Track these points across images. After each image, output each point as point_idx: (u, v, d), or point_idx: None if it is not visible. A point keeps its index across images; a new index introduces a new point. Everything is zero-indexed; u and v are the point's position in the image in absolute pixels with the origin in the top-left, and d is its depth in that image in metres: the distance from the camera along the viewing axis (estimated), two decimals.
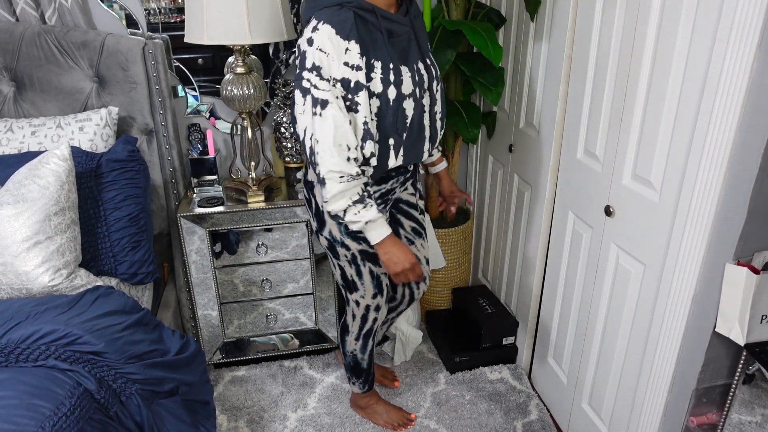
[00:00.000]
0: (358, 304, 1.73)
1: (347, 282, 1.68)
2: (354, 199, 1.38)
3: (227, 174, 2.30)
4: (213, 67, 2.18)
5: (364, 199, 1.39)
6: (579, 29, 1.62)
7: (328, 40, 1.29)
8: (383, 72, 1.35)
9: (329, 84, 1.31)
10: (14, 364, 1.27)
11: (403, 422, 1.95)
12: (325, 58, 1.29)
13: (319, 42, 1.29)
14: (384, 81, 1.36)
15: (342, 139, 1.33)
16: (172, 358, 1.47)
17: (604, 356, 1.65)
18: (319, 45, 1.29)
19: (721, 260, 1.20)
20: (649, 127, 1.35)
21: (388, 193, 1.61)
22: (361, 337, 1.81)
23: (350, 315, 1.78)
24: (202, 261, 2.04)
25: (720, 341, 1.25)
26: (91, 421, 1.22)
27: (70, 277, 1.59)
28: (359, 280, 1.66)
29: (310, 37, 1.30)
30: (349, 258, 1.61)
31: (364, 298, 1.70)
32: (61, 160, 1.63)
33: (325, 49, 1.29)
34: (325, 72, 1.30)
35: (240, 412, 2.04)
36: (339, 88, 1.32)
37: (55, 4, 1.92)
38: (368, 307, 1.73)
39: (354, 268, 1.64)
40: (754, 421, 1.32)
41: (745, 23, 1.04)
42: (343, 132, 1.33)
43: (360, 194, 1.38)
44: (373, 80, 1.35)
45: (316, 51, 1.30)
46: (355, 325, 1.78)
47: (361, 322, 1.77)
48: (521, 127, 2.04)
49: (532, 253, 2.05)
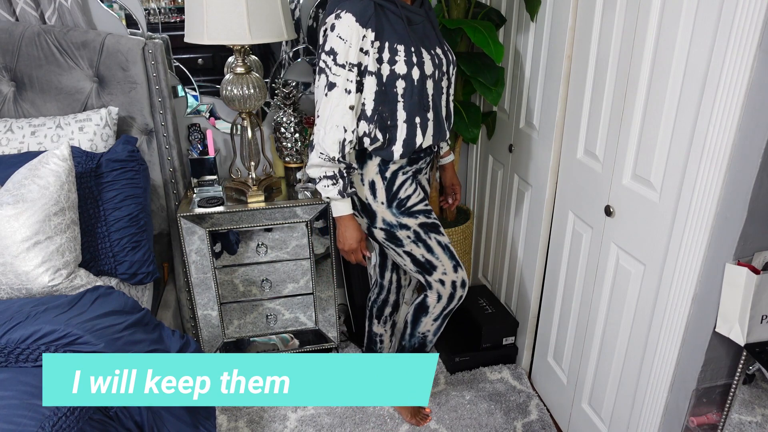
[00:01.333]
0: (443, 283, 1.67)
1: (422, 265, 1.66)
2: (328, 174, 1.51)
3: (227, 174, 2.30)
4: (213, 67, 2.18)
5: (335, 177, 1.51)
6: (579, 29, 1.61)
7: (347, 28, 1.39)
8: (407, 55, 1.46)
9: (343, 69, 1.42)
10: (14, 364, 1.27)
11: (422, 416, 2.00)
12: (343, 45, 1.40)
13: (339, 29, 1.39)
14: (408, 63, 1.46)
15: (340, 121, 1.45)
16: None
17: (604, 356, 1.65)
18: (339, 32, 1.40)
19: (721, 260, 1.20)
20: (649, 127, 1.35)
21: (418, 173, 1.68)
22: (441, 317, 1.75)
23: (435, 297, 1.71)
24: (202, 261, 2.04)
25: (720, 341, 1.25)
26: (91, 421, 1.22)
27: (70, 277, 1.59)
28: (433, 257, 1.64)
29: (333, 23, 1.41)
30: (412, 237, 1.63)
31: (447, 274, 1.66)
32: (61, 160, 1.63)
33: (344, 36, 1.39)
34: (340, 58, 1.41)
35: (240, 412, 2.04)
36: (354, 72, 1.43)
37: (54, 4, 1.92)
38: (454, 283, 1.68)
39: (423, 246, 1.63)
40: (755, 421, 1.32)
41: (745, 23, 1.04)
42: (341, 114, 1.44)
43: (334, 172, 1.51)
44: (398, 63, 1.45)
45: (335, 37, 1.40)
46: (439, 306, 1.72)
47: (447, 302, 1.71)
48: (521, 127, 2.04)
49: (532, 253, 2.05)
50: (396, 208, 1.61)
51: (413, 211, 1.62)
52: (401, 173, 1.60)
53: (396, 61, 1.45)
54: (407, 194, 1.62)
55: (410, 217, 1.62)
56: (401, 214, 1.61)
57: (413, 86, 1.47)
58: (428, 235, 1.64)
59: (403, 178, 1.61)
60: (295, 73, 2.24)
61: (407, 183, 1.62)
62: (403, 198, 1.61)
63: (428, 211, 1.66)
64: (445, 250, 1.66)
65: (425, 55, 1.49)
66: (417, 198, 1.64)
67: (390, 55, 1.44)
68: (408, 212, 1.62)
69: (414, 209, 1.63)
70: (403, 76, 1.46)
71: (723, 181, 1.16)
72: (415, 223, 1.62)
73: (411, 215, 1.62)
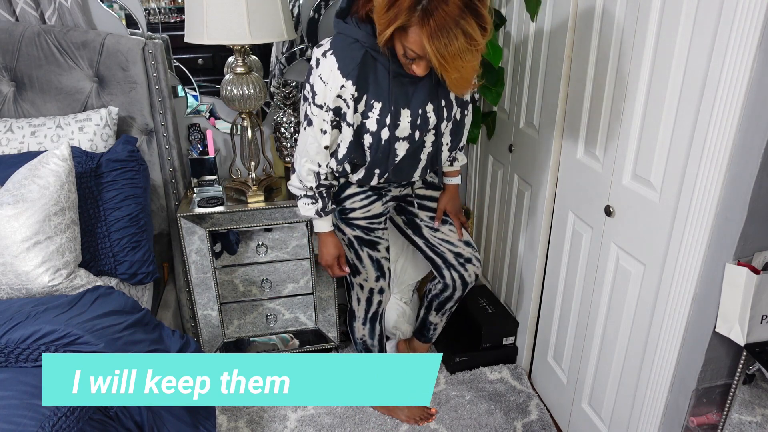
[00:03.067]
0: (362, 288, 1.79)
1: (350, 266, 1.75)
2: (308, 194, 1.58)
3: (227, 174, 2.30)
4: (213, 67, 2.18)
5: (315, 198, 1.58)
6: (579, 29, 1.61)
7: (329, 72, 1.36)
8: (381, 114, 1.41)
9: (320, 110, 1.42)
10: (14, 364, 1.27)
11: (424, 416, 1.98)
12: (323, 87, 1.38)
13: (321, 70, 1.38)
14: (379, 122, 1.42)
15: (315, 158, 1.50)
16: None
17: (604, 356, 1.65)
18: (320, 73, 1.38)
19: (721, 260, 1.20)
20: (649, 127, 1.35)
21: (381, 189, 1.67)
22: (368, 321, 1.86)
23: (355, 300, 1.83)
24: (202, 261, 2.04)
25: (720, 341, 1.25)
26: (91, 421, 1.22)
27: (70, 277, 1.59)
28: (360, 264, 1.74)
29: (318, 58, 1.39)
30: (346, 242, 1.72)
31: (368, 282, 1.77)
32: (61, 160, 1.63)
33: (324, 79, 1.37)
34: (319, 99, 1.40)
35: (240, 412, 2.04)
36: (331, 114, 1.43)
37: (54, 4, 1.92)
38: (372, 290, 1.79)
39: (353, 253, 1.72)
40: (755, 421, 1.32)
41: (745, 23, 1.04)
42: (315, 151, 1.48)
43: (314, 193, 1.57)
44: (370, 119, 1.42)
45: (317, 77, 1.39)
46: (361, 309, 1.84)
47: (366, 305, 1.83)
48: (521, 127, 2.04)
49: (532, 253, 2.05)
50: (339, 212, 1.68)
51: (352, 223, 1.68)
52: (354, 186, 1.63)
53: (368, 117, 1.42)
54: (352, 206, 1.65)
55: (347, 226, 1.68)
56: (341, 220, 1.69)
57: (379, 144, 1.45)
58: (360, 247, 1.71)
59: (354, 191, 1.63)
60: (295, 73, 2.24)
61: (358, 197, 1.64)
62: (347, 208, 1.66)
63: (371, 229, 1.69)
64: (374, 263, 1.74)
65: (403, 116, 1.43)
66: (363, 213, 1.66)
67: (365, 109, 1.41)
68: (347, 221, 1.68)
69: (354, 222, 1.67)
70: (372, 133, 1.44)
71: (723, 181, 1.16)
72: (351, 233, 1.69)
73: (349, 225, 1.68)
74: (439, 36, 1.14)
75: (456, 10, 1.13)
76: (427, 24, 1.15)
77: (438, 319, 2.00)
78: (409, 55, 1.26)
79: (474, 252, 1.84)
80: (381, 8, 1.21)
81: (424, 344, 2.13)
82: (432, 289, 1.93)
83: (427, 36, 1.16)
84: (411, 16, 1.16)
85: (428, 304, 1.97)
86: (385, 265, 1.77)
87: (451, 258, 1.81)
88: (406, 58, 1.28)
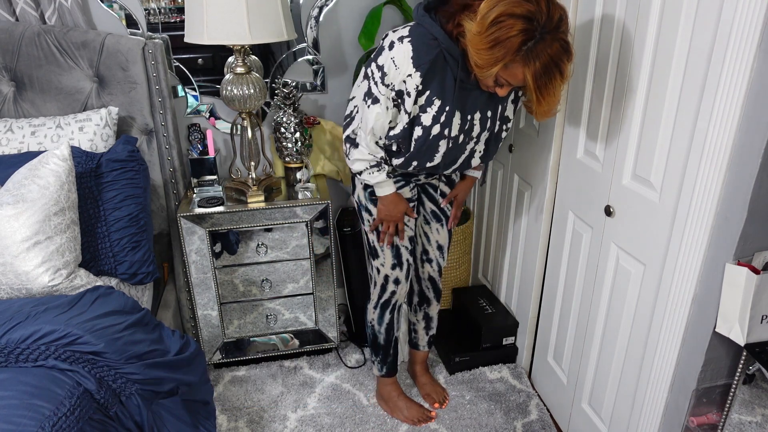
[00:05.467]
0: (379, 272, 1.83)
1: (370, 248, 1.81)
2: (372, 164, 1.61)
3: (227, 174, 2.30)
4: (213, 67, 2.18)
5: (379, 165, 1.61)
6: (579, 29, 1.61)
7: (402, 58, 1.39)
8: (438, 111, 1.46)
9: (387, 89, 1.44)
10: (14, 364, 1.27)
11: (423, 418, 1.99)
12: (394, 69, 1.41)
13: (395, 53, 1.40)
14: (434, 118, 1.47)
15: (379, 131, 1.52)
16: (172, 358, 1.47)
17: (604, 356, 1.65)
18: (394, 56, 1.40)
19: (721, 260, 1.20)
20: (649, 127, 1.35)
21: (410, 176, 1.72)
22: (379, 306, 1.89)
23: (372, 282, 1.88)
24: (202, 261, 2.04)
25: (720, 341, 1.25)
26: (91, 421, 1.22)
27: (70, 277, 1.59)
28: (379, 248, 1.78)
29: (394, 42, 1.40)
30: (369, 222, 1.77)
31: (384, 267, 1.81)
32: (61, 160, 1.63)
33: (397, 63, 1.40)
34: (388, 79, 1.43)
35: (240, 412, 2.04)
36: (393, 94, 1.45)
37: (54, 4, 1.92)
38: (387, 277, 1.82)
39: (375, 235, 1.77)
40: (755, 422, 1.31)
41: (745, 23, 1.04)
42: (380, 126, 1.51)
43: (377, 161, 1.60)
44: (426, 114, 1.46)
45: (389, 59, 1.41)
46: (375, 293, 1.88)
47: (380, 290, 1.86)
48: (521, 127, 2.04)
49: (532, 253, 2.05)
50: (369, 193, 1.73)
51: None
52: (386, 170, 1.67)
53: (426, 111, 1.46)
54: None
55: (375, 206, 1.73)
56: (369, 200, 1.74)
57: (427, 138, 1.49)
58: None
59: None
60: (295, 73, 2.24)
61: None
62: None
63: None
64: (392, 249, 1.78)
65: (456, 118, 1.48)
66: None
67: (424, 104, 1.45)
68: (375, 203, 1.72)
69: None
70: (424, 127, 1.48)
71: (723, 181, 1.16)
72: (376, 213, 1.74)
73: (376, 206, 1.72)
74: (542, 75, 1.24)
75: (558, 53, 1.22)
76: (533, 64, 1.22)
77: (415, 317, 2.07)
78: (500, 82, 1.33)
79: (440, 256, 1.92)
80: (483, 44, 1.23)
81: (419, 353, 2.13)
82: None
83: (532, 75, 1.24)
84: (517, 55, 1.22)
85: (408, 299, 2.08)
86: (403, 255, 1.80)
87: (418, 251, 1.91)
88: (495, 83, 1.35)
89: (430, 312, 2.03)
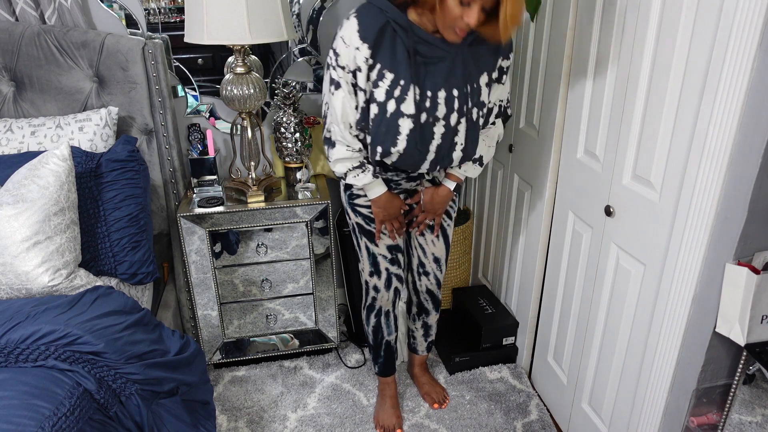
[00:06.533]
0: (361, 276, 1.85)
1: (355, 249, 1.82)
2: (354, 165, 1.56)
3: (227, 174, 2.30)
4: (213, 67, 2.18)
5: (363, 165, 1.57)
6: (579, 29, 1.61)
7: (350, 34, 1.39)
8: (391, 85, 1.41)
9: (344, 71, 1.43)
10: (14, 364, 1.27)
11: (390, 428, 1.95)
12: (344, 48, 1.40)
13: (344, 31, 1.40)
14: (387, 93, 1.42)
15: (347, 118, 1.49)
16: (172, 358, 1.47)
17: (604, 356, 1.65)
18: (343, 34, 1.40)
19: (721, 260, 1.20)
20: (649, 127, 1.35)
21: (389, 182, 1.67)
22: (365, 309, 1.90)
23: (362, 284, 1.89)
24: (201, 261, 2.04)
25: (720, 341, 1.25)
26: (90, 422, 1.22)
27: (70, 277, 1.59)
28: (359, 251, 1.79)
29: (343, 23, 1.41)
30: (351, 226, 1.77)
31: (364, 272, 1.82)
32: (60, 160, 1.63)
33: (346, 41, 1.40)
34: (341, 60, 1.42)
35: (240, 412, 2.04)
36: (350, 76, 1.43)
37: (54, 4, 1.92)
38: (367, 282, 1.83)
39: (354, 239, 1.78)
40: (755, 422, 1.31)
41: (745, 23, 1.04)
42: (347, 112, 1.48)
43: (360, 161, 1.56)
44: (379, 88, 1.42)
45: (339, 39, 1.41)
46: (363, 295, 1.89)
47: (364, 294, 1.87)
48: (521, 127, 2.04)
49: (532, 253, 2.05)
50: (348, 196, 1.71)
51: (356, 209, 1.71)
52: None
53: (378, 86, 1.41)
54: (358, 192, 1.68)
55: (352, 211, 1.73)
56: (349, 205, 1.73)
57: (384, 117, 1.43)
58: (360, 236, 1.75)
59: None
60: (295, 73, 2.24)
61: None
62: (354, 193, 1.69)
63: (371, 219, 1.71)
64: (369, 256, 1.76)
65: (411, 92, 1.40)
66: (366, 201, 1.68)
67: (376, 78, 1.41)
68: (352, 206, 1.71)
69: (358, 208, 1.71)
70: (379, 104, 1.42)
71: (723, 181, 1.16)
72: (354, 218, 1.74)
73: (353, 210, 1.72)
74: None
75: None
76: None
77: (414, 325, 2.05)
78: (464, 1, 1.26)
79: (437, 269, 1.87)
80: None
81: (419, 356, 2.12)
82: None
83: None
84: None
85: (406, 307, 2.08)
86: (381, 264, 1.76)
87: (414, 263, 1.88)
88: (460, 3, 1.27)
89: (428, 321, 2.02)
